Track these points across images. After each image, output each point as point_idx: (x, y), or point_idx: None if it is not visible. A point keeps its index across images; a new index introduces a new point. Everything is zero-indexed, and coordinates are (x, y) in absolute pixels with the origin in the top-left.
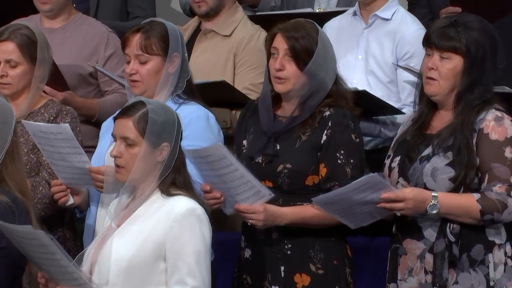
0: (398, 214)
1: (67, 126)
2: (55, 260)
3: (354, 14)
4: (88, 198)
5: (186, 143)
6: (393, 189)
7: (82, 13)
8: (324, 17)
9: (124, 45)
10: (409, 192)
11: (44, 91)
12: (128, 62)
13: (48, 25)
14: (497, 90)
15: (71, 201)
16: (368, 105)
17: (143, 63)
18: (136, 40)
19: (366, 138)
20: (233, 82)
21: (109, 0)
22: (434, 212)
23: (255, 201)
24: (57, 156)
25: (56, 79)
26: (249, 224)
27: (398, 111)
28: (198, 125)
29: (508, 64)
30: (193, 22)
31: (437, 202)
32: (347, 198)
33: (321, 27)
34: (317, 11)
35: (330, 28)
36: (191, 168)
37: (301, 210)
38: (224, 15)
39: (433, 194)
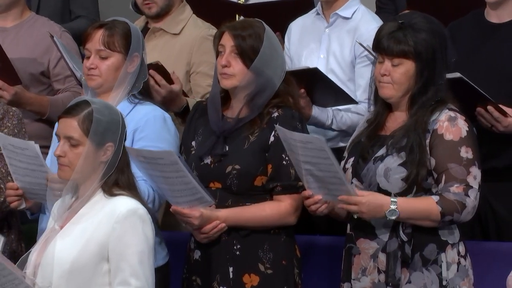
0: (355, 216)
1: (32, 143)
2: None
3: (317, 13)
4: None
5: (144, 144)
6: (340, 174)
7: None
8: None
9: (85, 40)
10: (362, 197)
11: None
12: (88, 58)
13: (0, 24)
14: (448, 76)
15: (23, 205)
16: (318, 86)
17: (103, 58)
18: (99, 35)
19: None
20: (186, 80)
21: None
22: (393, 217)
23: (195, 205)
24: (22, 171)
25: (8, 73)
26: (183, 225)
27: (349, 97)
28: (155, 126)
29: (464, 63)
30: (139, 22)
31: (396, 208)
32: (295, 148)
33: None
34: (239, 1)
35: (295, 28)
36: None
37: (237, 213)
38: (172, 13)
39: (392, 199)
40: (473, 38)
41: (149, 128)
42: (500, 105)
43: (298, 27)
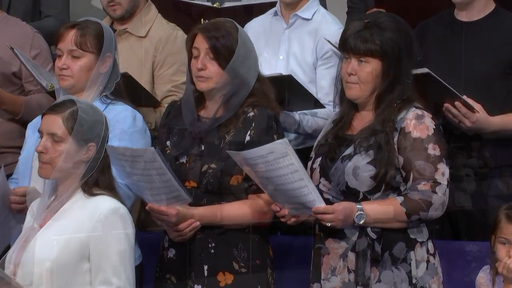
0: (328, 224)
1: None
2: None
3: (275, 14)
4: None
5: (113, 143)
6: (306, 181)
7: None
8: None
9: (57, 40)
10: (338, 204)
11: None
12: (60, 57)
13: None
14: (416, 72)
15: None
16: (291, 93)
17: (76, 59)
18: (71, 35)
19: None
20: (152, 83)
21: None
22: (362, 222)
23: (172, 203)
24: None
25: None
26: (159, 224)
27: (319, 104)
28: (125, 125)
29: (435, 62)
30: (104, 23)
31: (362, 211)
32: (256, 165)
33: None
34: (215, 5)
35: (252, 29)
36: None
37: (212, 211)
38: (137, 15)
39: (357, 206)
40: (444, 36)
41: (119, 127)
42: (468, 100)
43: (255, 28)
